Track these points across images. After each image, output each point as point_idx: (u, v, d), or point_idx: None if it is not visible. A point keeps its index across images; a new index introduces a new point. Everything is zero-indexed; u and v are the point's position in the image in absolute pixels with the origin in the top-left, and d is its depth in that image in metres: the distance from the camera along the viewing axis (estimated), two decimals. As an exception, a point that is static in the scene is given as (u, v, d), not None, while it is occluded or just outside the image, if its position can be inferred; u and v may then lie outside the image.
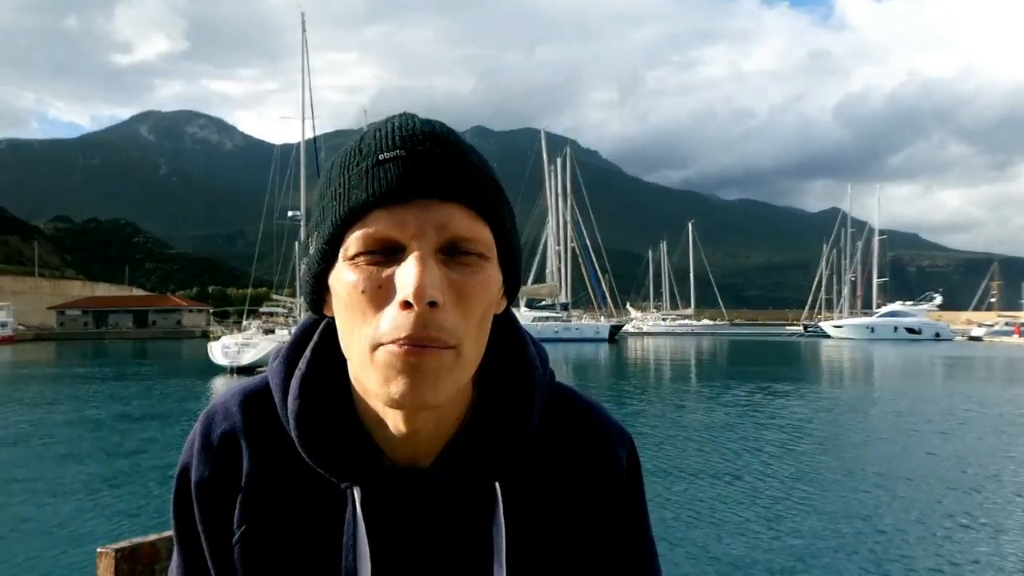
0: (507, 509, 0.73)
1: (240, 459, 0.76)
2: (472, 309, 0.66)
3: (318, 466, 0.72)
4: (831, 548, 7.17)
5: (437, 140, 0.67)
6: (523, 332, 0.80)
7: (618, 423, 0.82)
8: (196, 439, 0.78)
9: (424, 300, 0.62)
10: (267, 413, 0.76)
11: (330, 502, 0.73)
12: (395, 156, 0.65)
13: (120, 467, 11.16)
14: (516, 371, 0.77)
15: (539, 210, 76.09)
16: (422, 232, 0.64)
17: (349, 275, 0.66)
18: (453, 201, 0.65)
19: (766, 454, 11.95)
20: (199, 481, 0.76)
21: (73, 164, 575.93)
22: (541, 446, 0.77)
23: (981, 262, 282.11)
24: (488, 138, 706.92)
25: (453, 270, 0.65)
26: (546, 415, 0.78)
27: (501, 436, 0.74)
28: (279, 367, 0.77)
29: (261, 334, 32.94)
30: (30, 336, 76.76)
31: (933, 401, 20.31)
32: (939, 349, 51.86)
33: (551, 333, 57.97)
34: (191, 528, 0.77)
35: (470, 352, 0.67)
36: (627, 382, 26.58)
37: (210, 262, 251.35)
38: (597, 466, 0.78)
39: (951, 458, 11.81)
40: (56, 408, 18.49)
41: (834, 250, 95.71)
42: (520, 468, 0.76)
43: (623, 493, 0.79)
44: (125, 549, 1.00)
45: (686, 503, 8.77)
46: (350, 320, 0.66)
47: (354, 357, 0.67)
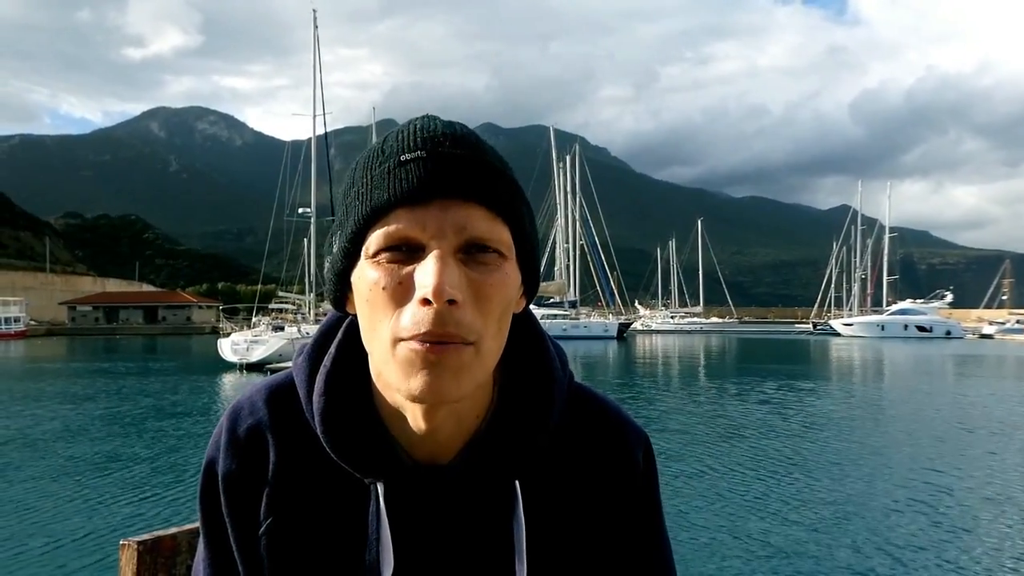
0: (527, 506, 0.74)
1: (266, 453, 0.77)
2: (490, 307, 0.67)
3: (343, 462, 0.74)
4: (845, 546, 7.20)
5: (458, 142, 0.68)
6: (543, 332, 0.81)
7: (635, 423, 0.84)
8: (222, 434, 0.79)
9: (443, 297, 0.63)
10: (293, 409, 0.78)
11: (354, 497, 0.74)
12: (416, 157, 0.67)
13: (137, 461, 11.28)
14: (536, 370, 0.78)
15: (548, 207, 76.08)
16: (442, 232, 0.66)
17: (371, 273, 0.67)
18: (473, 202, 0.67)
19: (778, 452, 11.96)
20: (226, 474, 0.77)
21: (84, 160, 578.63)
22: (560, 445, 0.79)
23: (992, 260, 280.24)
24: (497, 135, 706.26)
25: (472, 269, 0.67)
26: (565, 414, 0.79)
27: (522, 434, 0.75)
28: (304, 364, 0.78)
29: (270, 331, 33.05)
30: (42, 331, 77.30)
31: (947, 399, 20.25)
32: (950, 347, 51.61)
33: (559, 331, 57.94)
34: (218, 521, 0.78)
35: (489, 349, 0.68)
36: (636, 380, 26.59)
37: (220, 258, 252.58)
38: (615, 466, 0.80)
39: (968, 456, 11.80)
40: (70, 402, 18.65)
41: (844, 247, 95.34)
42: (540, 466, 0.77)
43: (639, 492, 0.81)
44: (147, 542, 1.02)
45: (698, 501, 8.80)
46: (372, 316, 0.68)
47: (376, 353, 0.69)
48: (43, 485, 9.70)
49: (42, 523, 7.90)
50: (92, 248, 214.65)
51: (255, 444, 0.77)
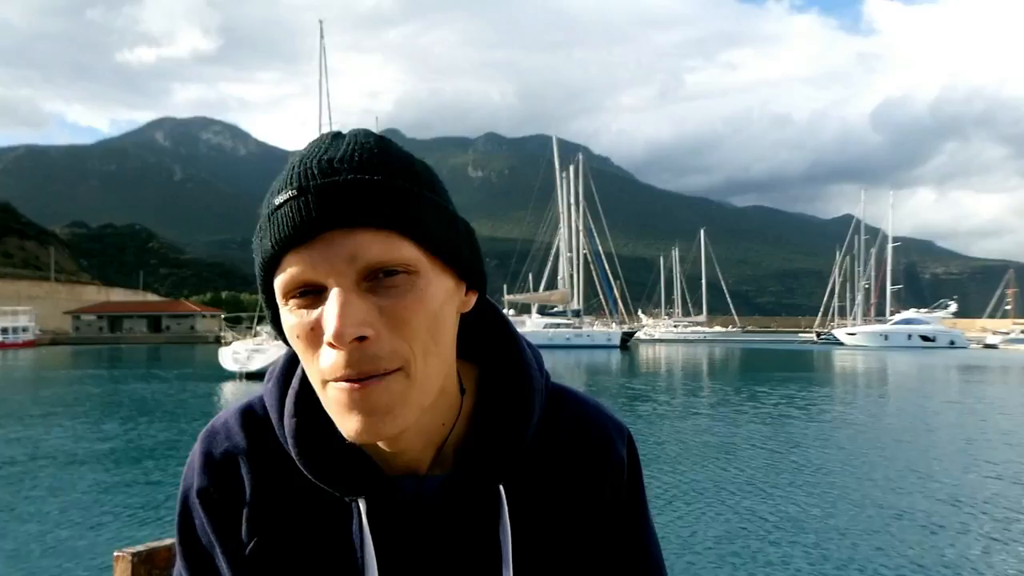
0: (511, 511, 0.74)
1: (244, 476, 0.76)
2: (412, 329, 0.64)
3: (320, 482, 0.73)
4: (842, 557, 7.14)
5: (333, 168, 0.64)
6: (516, 334, 0.80)
7: (616, 418, 0.83)
8: (197, 457, 0.78)
9: (345, 340, 0.61)
10: (267, 432, 0.77)
11: (335, 515, 0.74)
12: (289, 198, 0.64)
13: (132, 472, 11.26)
14: (512, 372, 0.77)
15: (551, 217, 76.21)
16: (334, 268, 0.63)
17: (288, 318, 0.66)
18: (359, 228, 0.63)
19: (780, 463, 11.90)
20: (205, 496, 0.76)
21: (89, 170, 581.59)
22: (541, 446, 0.78)
23: (997, 269, 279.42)
24: (500, 144, 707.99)
25: (381, 296, 0.64)
26: (545, 415, 0.78)
27: (502, 438, 0.74)
28: (273, 388, 0.78)
29: (271, 340, 33.07)
30: (47, 340, 77.45)
31: (953, 409, 20.16)
32: (954, 357, 51.42)
33: (563, 340, 57.91)
34: (197, 547, 0.78)
35: (421, 369, 0.65)
36: (639, 389, 26.51)
37: (223, 267, 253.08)
38: (598, 463, 0.79)
39: (978, 466, 11.72)
40: (73, 411, 18.66)
41: (847, 257, 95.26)
42: (522, 469, 0.76)
43: (624, 488, 0.81)
44: (142, 553, 1.02)
45: (697, 507, 8.75)
46: (301, 358, 0.67)
47: (317, 390, 0.68)
48: (38, 495, 9.68)
49: (36, 534, 7.88)
50: (97, 257, 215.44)
51: (232, 467, 0.76)
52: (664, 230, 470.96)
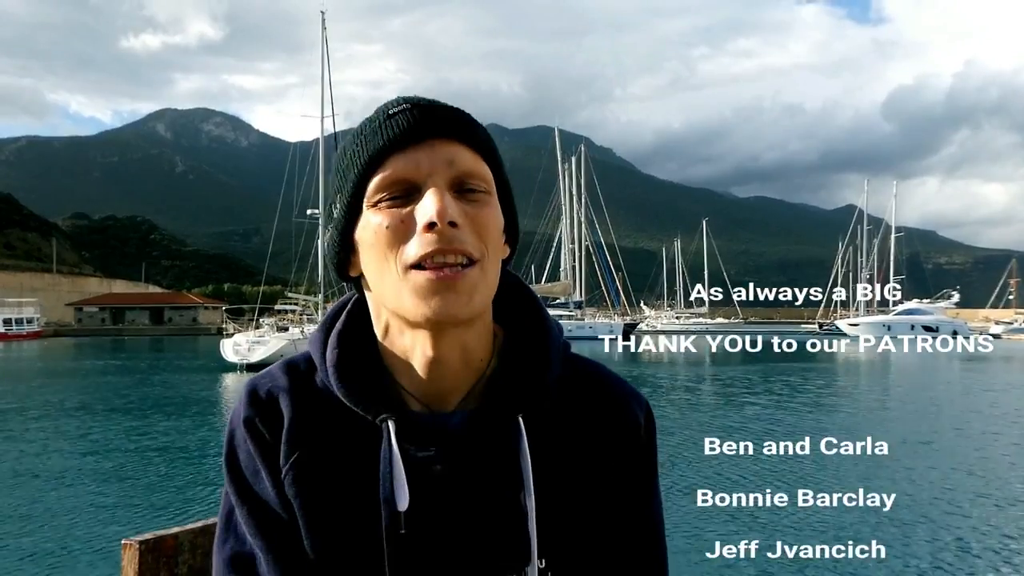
0: (533, 446, 0.78)
1: (286, 407, 0.82)
2: (487, 234, 0.75)
3: (354, 405, 0.79)
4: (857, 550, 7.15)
5: (435, 100, 0.77)
6: (538, 300, 0.89)
7: (637, 390, 0.89)
8: (243, 398, 0.84)
9: (446, 219, 0.71)
10: (309, 378, 0.84)
11: (368, 436, 0.79)
12: (403, 109, 0.76)
13: (137, 461, 11.30)
14: (534, 323, 0.86)
15: (553, 208, 76.09)
16: (435, 169, 0.73)
17: (374, 218, 0.75)
18: (456, 140, 0.75)
19: (784, 449, 11.90)
20: (250, 424, 0.82)
21: (91, 162, 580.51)
22: (563, 396, 0.83)
23: (999, 259, 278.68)
24: (502, 135, 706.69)
25: (464, 203, 0.75)
26: (566, 373, 0.85)
27: (525, 376, 0.81)
28: (318, 334, 0.86)
29: (274, 332, 33.10)
30: (49, 332, 77.56)
31: (958, 397, 20.14)
32: (957, 347, 51.27)
33: (565, 331, 57.87)
34: (242, 477, 0.82)
35: (491, 270, 0.76)
36: (643, 379, 26.53)
37: (226, 259, 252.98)
38: (616, 418, 0.84)
39: (980, 451, 11.71)
40: (79, 402, 18.70)
41: (850, 247, 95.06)
42: (543, 411, 0.81)
43: (639, 448, 0.85)
44: (149, 541, 1.04)
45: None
46: (381, 255, 0.74)
47: (388, 288, 0.75)
48: (45, 484, 9.72)
49: (44, 522, 7.92)
50: (99, 249, 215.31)
51: (274, 402, 0.82)
52: (666, 221, 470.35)
